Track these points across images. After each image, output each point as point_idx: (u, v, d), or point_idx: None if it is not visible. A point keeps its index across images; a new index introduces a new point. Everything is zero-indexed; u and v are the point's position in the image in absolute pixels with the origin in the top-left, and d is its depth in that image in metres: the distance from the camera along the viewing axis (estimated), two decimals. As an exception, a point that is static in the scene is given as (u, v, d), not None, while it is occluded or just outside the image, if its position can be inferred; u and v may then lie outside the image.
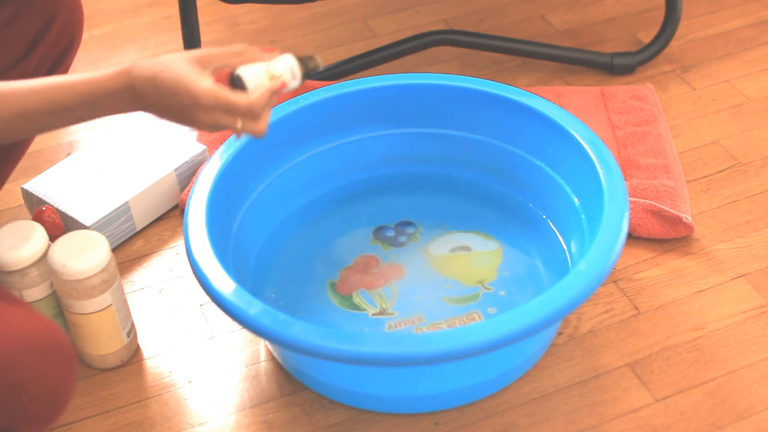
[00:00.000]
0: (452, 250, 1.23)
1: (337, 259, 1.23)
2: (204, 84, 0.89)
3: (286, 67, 0.95)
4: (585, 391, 1.09)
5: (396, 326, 1.14)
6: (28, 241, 1.08)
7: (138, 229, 1.32)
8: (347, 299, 1.18)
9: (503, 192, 1.28)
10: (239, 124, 0.92)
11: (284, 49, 0.96)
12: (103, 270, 1.07)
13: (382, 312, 1.16)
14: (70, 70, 1.21)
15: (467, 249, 1.23)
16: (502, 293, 1.17)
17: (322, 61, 0.98)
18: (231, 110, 0.91)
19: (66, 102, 0.91)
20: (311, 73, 0.98)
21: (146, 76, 0.90)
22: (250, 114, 0.92)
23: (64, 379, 0.89)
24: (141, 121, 1.46)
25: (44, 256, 1.09)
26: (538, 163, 1.23)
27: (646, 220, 1.25)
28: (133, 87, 0.90)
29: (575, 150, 1.16)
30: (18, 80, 0.91)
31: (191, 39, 1.50)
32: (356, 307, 1.17)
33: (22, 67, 1.14)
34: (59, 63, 1.18)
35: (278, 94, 0.95)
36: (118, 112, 0.93)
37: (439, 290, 1.18)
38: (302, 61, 0.96)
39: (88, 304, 1.07)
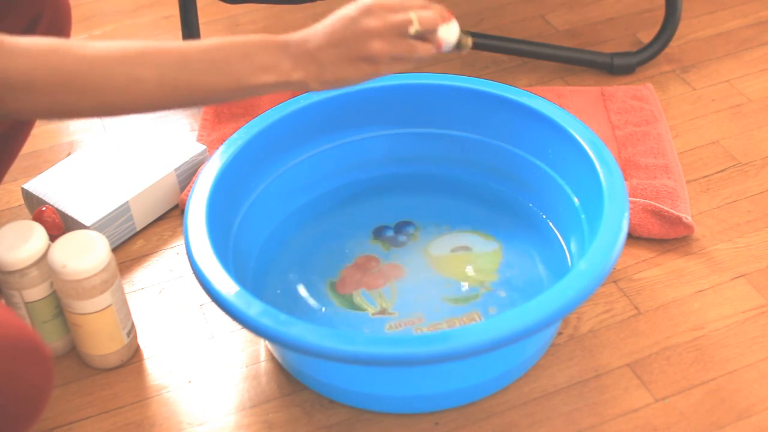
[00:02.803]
0: (452, 250, 1.23)
1: (337, 258, 1.23)
2: None
3: (451, 28, 0.94)
4: (585, 391, 1.09)
5: (396, 326, 1.14)
6: (28, 241, 1.08)
7: (138, 229, 1.32)
8: (347, 299, 1.18)
9: (503, 192, 1.28)
10: (414, 16, 0.90)
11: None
12: (103, 270, 1.07)
13: (383, 312, 1.16)
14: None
15: (467, 249, 1.23)
16: (502, 293, 1.17)
17: (470, 46, 0.97)
18: (403, 4, 0.90)
19: (220, 51, 0.89)
20: (458, 48, 0.96)
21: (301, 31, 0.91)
22: (426, 6, 0.91)
23: (40, 383, 0.86)
24: (141, 121, 1.46)
25: (44, 256, 1.09)
26: (538, 163, 1.23)
27: (646, 220, 1.25)
28: (287, 39, 0.90)
29: (575, 150, 1.16)
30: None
31: (191, 39, 1.50)
32: (356, 307, 1.17)
33: None
34: None
35: (435, 47, 0.94)
36: (269, 71, 0.90)
37: (439, 290, 1.18)
38: (462, 32, 0.95)
39: (88, 304, 1.07)
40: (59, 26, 1.17)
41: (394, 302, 1.17)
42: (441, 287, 1.18)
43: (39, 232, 1.09)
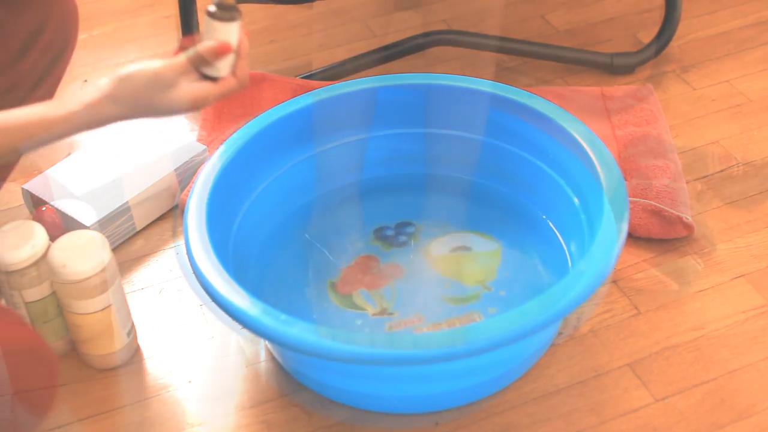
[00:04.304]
0: (452, 250, 1.23)
1: (337, 258, 1.23)
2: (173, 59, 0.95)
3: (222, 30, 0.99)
4: (585, 391, 1.09)
5: (396, 326, 1.14)
6: (28, 241, 1.08)
7: (138, 229, 1.32)
8: (347, 299, 1.18)
9: (503, 192, 1.28)
10: (222, 71, 0.95)
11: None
12: (103, 270, 1.07)
13: (383, 312, 1.16)
14: (67, 72, 1.21)
15: (467, 249, 1.23)
16: (502, 293, 1.17)
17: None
18: (208, 55, 0.95)
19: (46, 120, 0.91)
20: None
21: (115, 77, 0.94)
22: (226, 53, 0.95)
23: (45, 385, 0.87)
24: (141, 121, 1.46)
25: (44, 256, 1.09)
26: (538, 163, 1.23)
27: (646, 220, 1.25)
28: (104, 90, 0.93)
29: (575, 150, 1.16)
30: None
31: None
32: (356, 307, 1.17)
33: (14, 70, 1.13)
34: (54, 66, 1.17)
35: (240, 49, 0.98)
36: (97, 121, 0.94)
37: (439, 290, 1.18)
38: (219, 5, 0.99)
39: (88, 304, 1.07)
40: (67, 29, 1.17)
41: (394, 302, 1.17)
42: (441, 287, 1.18)
43: (39, 232, 1.09)
